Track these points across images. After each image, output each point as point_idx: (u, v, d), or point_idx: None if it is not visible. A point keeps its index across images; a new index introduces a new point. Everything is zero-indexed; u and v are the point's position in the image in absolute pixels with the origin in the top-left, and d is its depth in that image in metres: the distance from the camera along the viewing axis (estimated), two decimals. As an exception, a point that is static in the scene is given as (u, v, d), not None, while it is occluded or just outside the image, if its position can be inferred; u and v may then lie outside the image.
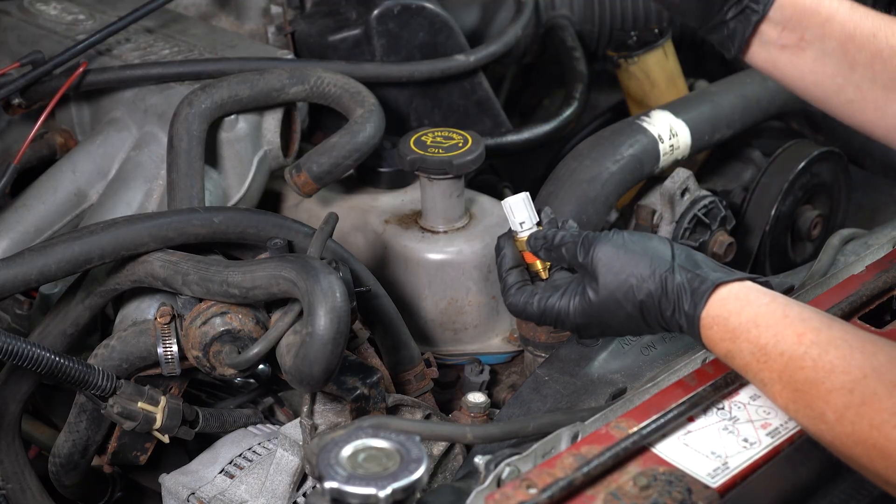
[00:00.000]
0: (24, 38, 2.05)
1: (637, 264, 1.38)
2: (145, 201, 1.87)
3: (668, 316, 1.36)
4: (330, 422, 1.58)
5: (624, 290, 1.38)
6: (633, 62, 2.26)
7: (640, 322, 1.40)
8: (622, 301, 1.39)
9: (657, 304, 1.37)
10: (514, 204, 1.52)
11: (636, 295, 1.38)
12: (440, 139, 1.83)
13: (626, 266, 1.39)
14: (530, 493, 1.19)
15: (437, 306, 1.84)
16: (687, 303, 1.34)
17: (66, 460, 1.72)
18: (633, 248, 1.40)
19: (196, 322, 1.55)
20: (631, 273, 1.38)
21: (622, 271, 1.39)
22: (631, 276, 1.38)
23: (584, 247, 1.43)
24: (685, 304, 1.34)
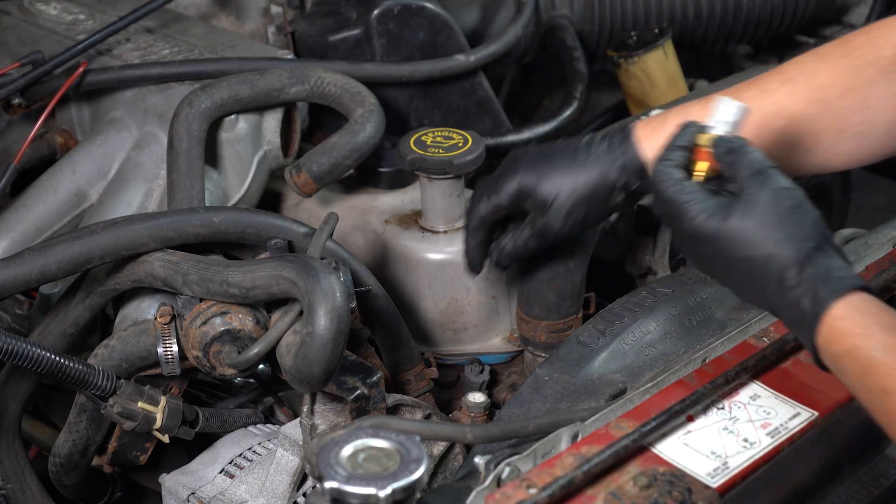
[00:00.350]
0: (24, 38, 2.05)
1: (793, 223, 1.27)
2: (145, 201, 1.87)
3: (788, 286, 1.25)
4: (330, 422, 1.58)
5: (764, 233, 1.27)
6: (633, 62, 2.26)
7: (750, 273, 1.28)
8: (754, 243, 1.27)
9: (784, 270, 1.26)
10: (733, 107, 1.36)
11: (772, 248, 1.26)
12: (440, 139, 1.83)
13: (784, 219, 1.27)
14: (530, 493, 1.20)
15: (436, 306, 1.84)
16: (825, 287, 1.24)
17: (66, 460, 1.72)
18: (799, 208, 1.29)
19: (196, 322, 1.55)
20: (783, 225, 1.27)
21: (776, 221, 1.27)
22: (781, 227, 1.27)
23: (759, 178, 1.30)
24: (820, 289, 1.24)
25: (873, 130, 1.51)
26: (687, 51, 2.43)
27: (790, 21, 2.51)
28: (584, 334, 1.64)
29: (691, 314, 1.66)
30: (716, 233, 1.29)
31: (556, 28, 2.33)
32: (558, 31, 2.32)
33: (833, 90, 1.50)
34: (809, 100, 1.51)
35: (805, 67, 1.53)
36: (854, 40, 1.52)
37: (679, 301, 1.67)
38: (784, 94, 1.52)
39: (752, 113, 1.39)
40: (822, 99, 1.50)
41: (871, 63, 1.49)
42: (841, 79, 1.50)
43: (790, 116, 1.51)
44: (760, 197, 1.28)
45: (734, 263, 1.30)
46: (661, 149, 1.36)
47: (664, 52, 2.27)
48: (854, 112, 1.50)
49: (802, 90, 1.51)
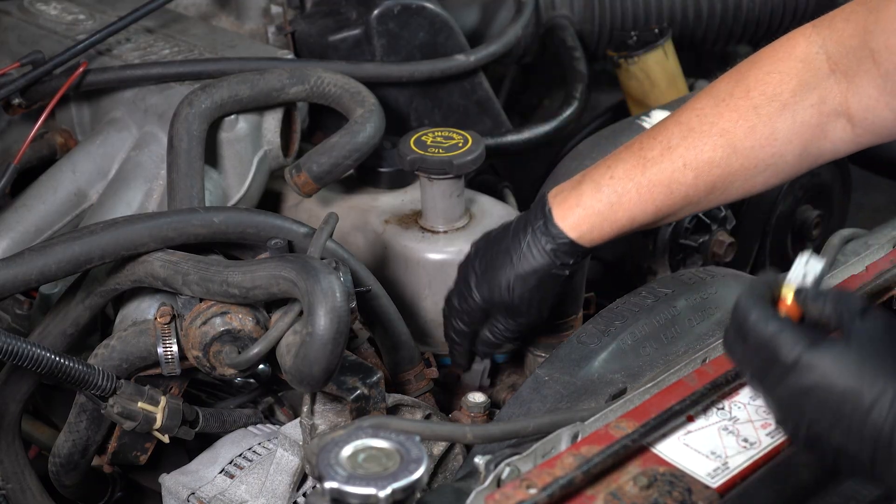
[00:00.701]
0: (24, 38, 2.05)
1: None
2: (145, 201, 1.87)
3: None
4: (330, 422, 1.58)
5: (877, 361, 1.15)
6: (634, 62, 2.26)
7: (855, 409, 1.15)
8: (863, 372, 1.15)
9: (891, 427, 1.13)
10: (814, 262, 1.27)
11: (891, 376, 1.14)
12: (440, 139, 1.83)
13: (883, 364, 1.15)
14: (530, 493, 1.19)
15: (437, 306, 1.84)
16: None
17: (66, 460, 1.72)
18: None
19: (196, 322, 1.55)
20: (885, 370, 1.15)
21: (890, 351, 1.16)
22: (884, 374, 1.15)
23: (863, 312, 1.19)
24: None
25: (785, 160, 1.52)
26: (687, 51, 2.43)
27: (790, 21, 2.51)
28: (584, 334, 1.64)
29: (691, 314, 1.66)
30: (824, 358, 1.16)
31: (556, 28, 2.33)
32: (558, 31, 2.32)
33: (737, 133, 1.50)
34: (714, 146, 1.51)
35: (705, 115, 1.52)
36: (750, 76, 1.51)
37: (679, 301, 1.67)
38: (687, 147, 1.52)
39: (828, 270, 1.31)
40: (726, 143, 1.51)
41: (771, 99, 1.49)
42: (742, 121, 1.50)
43: (697, 168, 1.52)
44: (872, 329, 1.17)
45: (840, 395, 1.15)
46: (744, 288, 1.26)
47: (664, 52, 2.27)
48: (761, 149, 1.51)
49: (705, 139, 1.51)
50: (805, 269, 1.26)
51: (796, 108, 1.50)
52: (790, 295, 1.24)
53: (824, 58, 1.49)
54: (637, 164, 1.54)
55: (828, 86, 1.49)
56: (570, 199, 1.57)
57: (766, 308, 1.20)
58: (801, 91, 1.49)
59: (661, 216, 1.57)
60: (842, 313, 1.19)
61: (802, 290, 1.23)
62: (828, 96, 1.49)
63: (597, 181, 1.56)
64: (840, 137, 1.52)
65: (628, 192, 1.54)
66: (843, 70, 1.48)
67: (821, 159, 1.55)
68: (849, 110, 1.49)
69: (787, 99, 1.50)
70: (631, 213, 1.55)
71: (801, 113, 1.50)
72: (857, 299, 1.20)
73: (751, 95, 1.50)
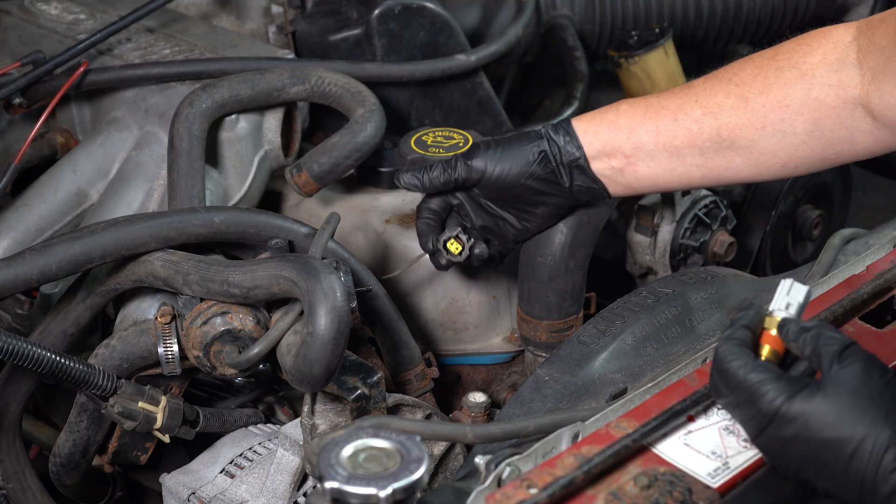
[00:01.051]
0: (24, 37, 2.05)
1: (890, 400, 1.18)
2: (146, 201, 1.87)
3: (889, 469, 1.15)
4: (330, 422, 1.58)
5: (855, 411, 1.17)
6: (634, 62, 2.26)
7: (837, 457, 1.18)
8: (843, 422, 1.17)
9: (880, 452, 1.16)
10: (797, 289, 1.30)
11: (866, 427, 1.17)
12: (441, 139, 1.83)
13: (877, 395, 1.18)
14: (531, 493, 1.19)
15: (437, 306, 1.84)
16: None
17: (67, 460, 1.72)
18: (893, 386, 1.20)
19: (197, 322, 1.55)
20: (876, 402, 1.18)
21: (868, 398, 1.18)
22: (875, 404, 1.18)
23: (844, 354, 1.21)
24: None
25: (794, 131, 1.53)
26: (688, 50, 2.43)
27: (791, 21, 2.51)
28: (584, 334, 1.64)
29: (692, 314, 1.66)
30: (800, 411, 1.19)
31: (556, 28, 2.33)
32: (559, 31, 2.32)
33: (752, 87, 1.54)
34: (727, 93, 1.55)
35: (731, 66, 1.58)
36: (784, 45, 1.56)
37: (679, 301, 1.67)
38: (704, 87, 1.57)
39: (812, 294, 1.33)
40: (739, 94, 1.54)
41: (793, 65, 1.52)
42: (761, 77, 1.54)
43: (706, 105, 1.55)
44: (849, 373, 1.19)
45: (820, 445, 1.18)
46: (724, 331, 1.29)
47: (665, 51, 2.27)
48: (772, 110, 1.53)
49: (722, 84, 1.56)
50: (788, 297, 1.29)
51: (814, 81, 1.51)
52: (774, 327, 1.28)
53: (855, 48, 1.50)
54: (658, 94, 1.61)
55: (851, 73, 1.50)
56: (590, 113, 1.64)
57: (746, 355, 1.24)
58: (823, 67, 1.51)
59: (661, 144, 1.57)
60: (821, 356, 1.22)
61: (785, 325, 1.27)
62: (849, 84, 1.50)
63: (617, 107, 1.63)
64: (858, 126, 1.51)
65: (638, 105, 1.59)
66: (870, 66, 1.48)
67: (836, 146, 1.54)
68: (870, 104, 1.49)
69: (807, 69, 1.51)
70: (632, 123, 1.58)
71: (817, 88, 1.51)
72: (835, 340, 1.22)
73: (777, 59, 1.54)
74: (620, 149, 1.59)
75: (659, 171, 1.60)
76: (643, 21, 2.38)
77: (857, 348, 1.22)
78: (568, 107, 2.16)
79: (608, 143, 1.60)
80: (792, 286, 1.30)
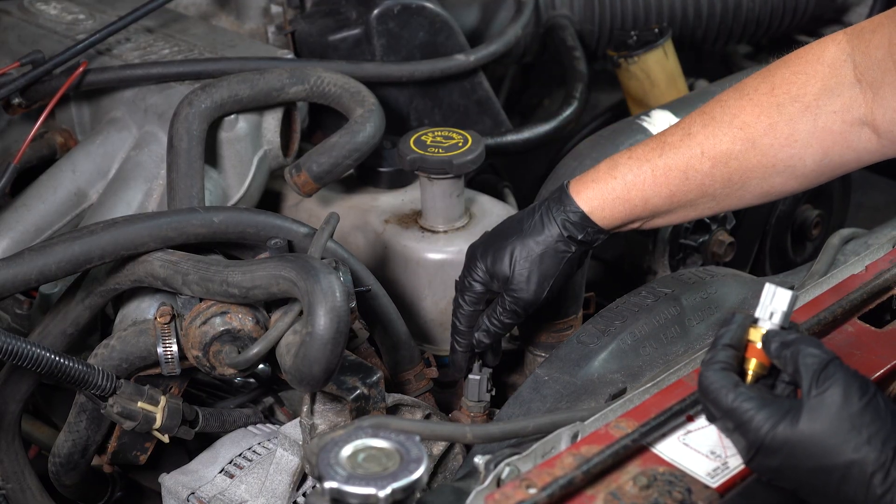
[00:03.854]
0: (24, 37, 2.05)
1: (870, 423, 1.18)
2: (145, 201, 1.87)
3: (877, 493, 1.17)
4: (330, 421, 1.58)
5: (840, 437, 1.18)
6: (634, 62, 2.26)
7: (827, 482, 1.19)
8: (830, 449, 1.18)
9: (869, 476, 1.17)
10: (780, 294, 1.28)
11: (851, 453, 1.17)
12: (440, 139, 1.83)
13: (859, 419, 1.18)
14: (530, 493, 1.19)
15: (436, 306, 1.84)
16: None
17: (66, 460, 1.72)
18: (872, 403, 1.20)
19: (196, 322, 1.55)
20: (859, 426, 1.18)
21: (851, 422, 1.18)
22: (858, 429, 1.18)
23: (823, 375, 1.20)
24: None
25: (804, 164, 1.51)
26: (687, 50, 2.43)
27: (790, 20, 2.51)
28: (584, 334, 1.64)
29: (691, 314, 1.66)
30: (784, 442, 1.19)
31: (556, 27, 2.33)
32: (558, 31, 2.32)
33: (756, 128, 1.50)
34: (732, 139, 1.51)
35: (728, 106, 1.53)
36: (777, 74, 1.51)
37: (678, 301, 1.67)
38: (707, 136, 1.53)
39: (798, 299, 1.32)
40: (745, 137, 1.50)
41: (794, 99, 1.49)
42: (764, 117, 1.50)
43: (714, 157, 1.52)
44: (828, 397, 1.19)
45: (808, 473, 1.20)
46: (707, 352, 1.28)
47: (664, 51, 2.27)
48: (780, 148, 1.50)
49: (725, 129, 1.51)
50: (772, 305, 1.28)
51: (818, 111, 1.48)
52: (759, 339, 1.27)
53: (851, 66, 1.47)
54: (656, 147, 1.55)
55: (853, 95, 1.47)
56: (587, 176, 1.58)
57: (729, 381, 1.23)
58: (825, 96, 1.48)
59: (676, 203, 1.55)
60: (801, 376, 1.21)
61: (767, 341, 1.26)
62: (852, 105, 1.47)
63: (615, 160, 1.57)
64: (865, 147, 1.49)
65: (644, 173, 1.54)
66: (869, 81, 1.46)
67: (843, 168, 1.53)
68: (874, 121, 1.47)
69: (810, 101, 1.48)
70: (644, 195, 1.55)
71: (822, 118, 1.48)
72: (815, 357, 1.21)
73: (775, 93, 1.50)
74: (638, 218, 1.58)
75: (674, 220, 1.60)
76: (642, 21, 2.38)
77: (837, 366, 1.21)
78: (567, 107, 2.16)
79: (625, 218, 1.58)
80: (775, 293, 1.28)
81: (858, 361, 1.38)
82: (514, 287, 1.60)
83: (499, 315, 1.63)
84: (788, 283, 1.37)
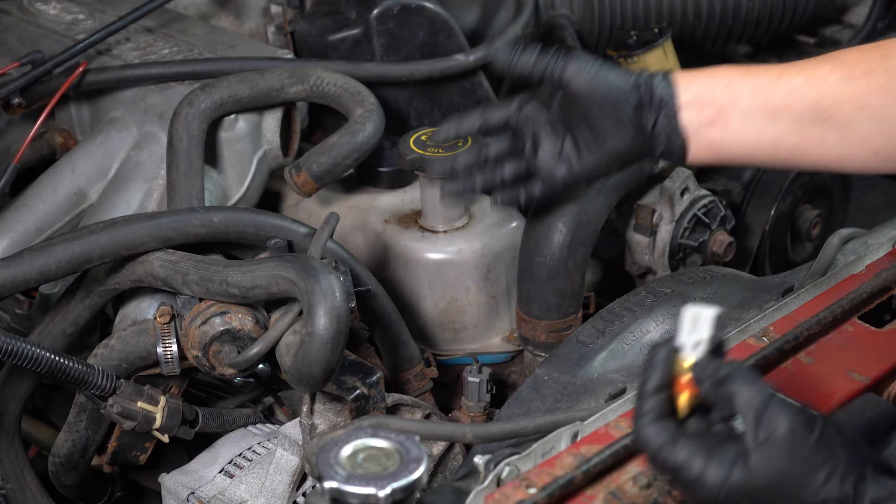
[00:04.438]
0: (23, 37, 2.05)
1: (825, 461, 1.13)
2: (145, 201, 1.87)
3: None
4: (329, 421, 1.58)
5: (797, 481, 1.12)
6: (633, 61, 2.26)
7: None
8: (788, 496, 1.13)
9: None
10: (702, 317, 1.17)
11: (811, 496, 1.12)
12: (440, 139, 1.83)
13: (811, 459, 1.12)
14: (530, 493, 1.19)
15: (436, 306, 1.84)
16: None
17: (66, 460, 1.72)
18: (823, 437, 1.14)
19: (196, 322, 1.55)
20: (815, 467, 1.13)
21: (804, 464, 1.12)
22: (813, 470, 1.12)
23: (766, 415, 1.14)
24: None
25: (892, 119, 1.47)
26: (687, 50, 2.43)
27: (790, 20, 2.51)
28: (583, 334, 1.64)
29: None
30: (740, 493, 1.13)
31: (555, 27, 2.33)
32: (558, 31, 2.32)
33: (856, 68, 1.47)
34: (831, 68, 1.48)
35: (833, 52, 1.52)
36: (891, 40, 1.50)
37: (678, 301, 1.67)
38: (806, 62, 1.50)
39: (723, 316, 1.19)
40: (843, 71, 1.47)
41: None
42: (864, 61, 1.48)
43: (808, 73, 1.48)
44: (777, 440, 1.12)
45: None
46: (637, 401, 1.19)
47: (664, 51, 2.27)
48: (874, 93, 1.47)
49: (824, 61, 1.50)
50: (695, 333, 1.17)
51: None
52: (685, 373, 1.17)
53: None
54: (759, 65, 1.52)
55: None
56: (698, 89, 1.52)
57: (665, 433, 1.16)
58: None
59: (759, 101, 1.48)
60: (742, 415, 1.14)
61: (699, 377, 1.16)
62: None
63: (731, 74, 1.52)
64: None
65: (736, 66, 1.52)
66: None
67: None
68: None
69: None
70: (731, 76, 1.49)
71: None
72: (753, 398, 1.14)
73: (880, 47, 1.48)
74: (716, 99, 1.49)
75: (750, 130, 1.49)
76: (642, 21, 2.38)
77: (778, 403, 1.14)
78: (567, 107, 2.16)
79: (704, 90, 1.50)
80: (697, 318, 1.17)
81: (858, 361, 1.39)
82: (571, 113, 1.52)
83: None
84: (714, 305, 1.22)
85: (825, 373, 1.38)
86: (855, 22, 2.64)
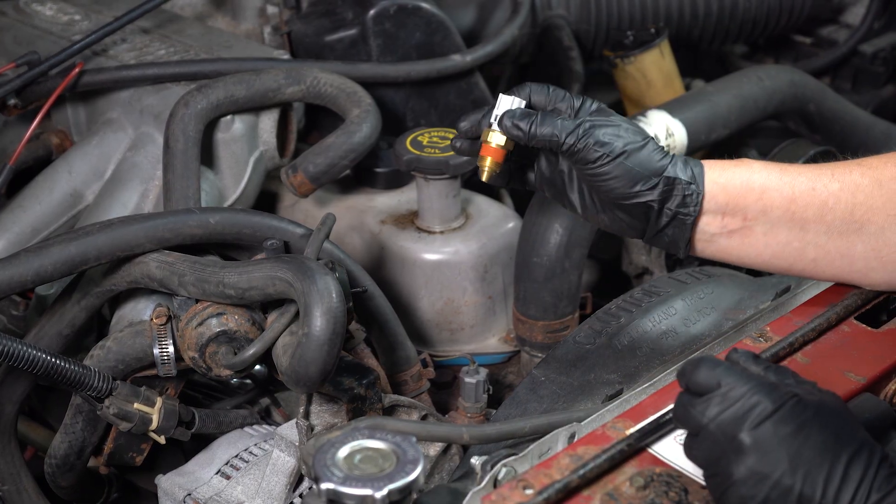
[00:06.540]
0: (19, 38, 2.05)
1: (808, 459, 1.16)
2: (141, 202, 1.87)
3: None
4: (326, 422, 1.58)
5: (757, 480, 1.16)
6: (630, 62, 2.26)
7: None
8: None
9: None
10: (514, 102, 1.40)
11: None
12: (436, 139, 1.83)
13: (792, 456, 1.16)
14: (527, 494, 1.19)
15: (433, 306, 1.84)
16: None
17: (63, 461, 1.72)
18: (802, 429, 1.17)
19: (192, 323, 1.55)
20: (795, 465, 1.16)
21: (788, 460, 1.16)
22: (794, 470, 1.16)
23: None
24: None
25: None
26: (683, 50, 2.44)
27: (786, 21, 2.52)
28: (580, 334, 1.64)
29: (688, 315, 1.66)
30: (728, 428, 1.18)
31: (552, 28, 2.33)
32: (555, 31, 2.32)
33: (885, 171, 1.45)
34: (861, 173, 1.45)
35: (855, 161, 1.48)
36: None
37: (676, 301, 1.67)
38: (835, 167, 1.46)
39: None
40: (874, 176, 1.45)
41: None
42: (892, 164, 1.45)
43: (843, 181, 1.44)
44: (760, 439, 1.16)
45: None
46: None
47: (660, 51, 2.27)
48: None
49: (852, 164, 1.46)
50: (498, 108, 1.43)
51: None
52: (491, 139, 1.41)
53: None
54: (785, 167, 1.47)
55: None
56: None
57: None
58: None
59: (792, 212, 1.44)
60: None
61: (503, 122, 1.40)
62: None
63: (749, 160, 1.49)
64: None
65: (772, 167, 1.46)
66: None
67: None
68: None
69: None
70: (766, 183, 1.44)
71: None
72: None
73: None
74: (745, 209, 1.44)
75: (773, 242, 1.46)
76: (639, 21, 2.38)
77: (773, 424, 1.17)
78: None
79: (735, 200, 1.44)
80: (510, 103, 1.41)
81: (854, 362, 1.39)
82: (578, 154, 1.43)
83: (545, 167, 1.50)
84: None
85: (822, 373, 1.38)
86: (851, 22, 2.65)
